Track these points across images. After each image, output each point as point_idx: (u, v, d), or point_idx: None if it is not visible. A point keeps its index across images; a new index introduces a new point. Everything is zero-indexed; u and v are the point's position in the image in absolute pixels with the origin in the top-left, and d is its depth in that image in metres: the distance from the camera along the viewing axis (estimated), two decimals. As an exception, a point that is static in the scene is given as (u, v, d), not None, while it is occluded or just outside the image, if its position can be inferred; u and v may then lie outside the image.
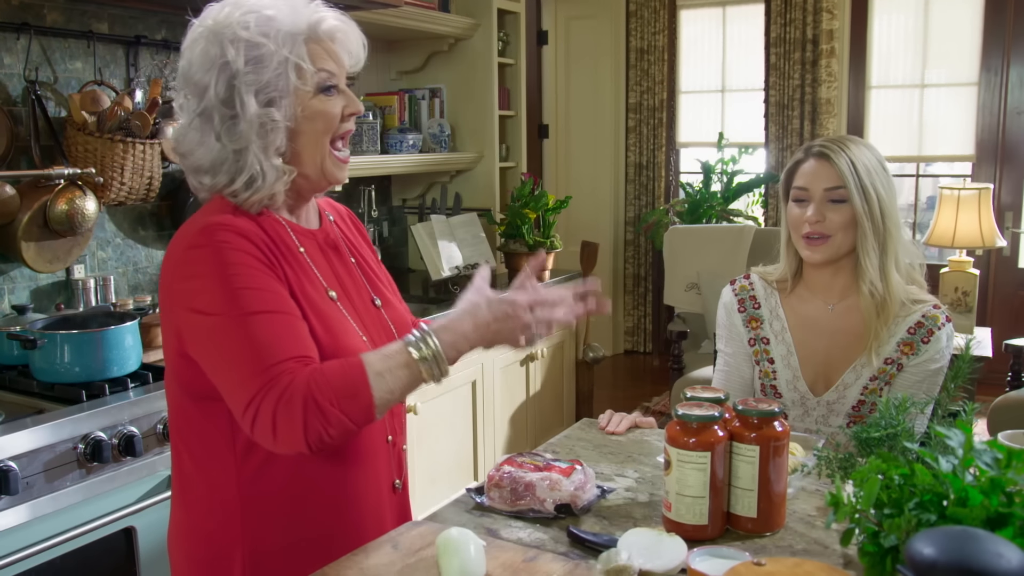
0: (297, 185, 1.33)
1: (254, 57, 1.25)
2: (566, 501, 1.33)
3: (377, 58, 4.00)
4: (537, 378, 3.95)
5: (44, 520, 1.93)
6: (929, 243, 4.23)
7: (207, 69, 1.25)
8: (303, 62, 1.28)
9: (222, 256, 1.22)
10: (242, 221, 1.27)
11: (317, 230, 1.40)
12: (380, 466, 1.39)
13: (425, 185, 4.09)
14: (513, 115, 4.28)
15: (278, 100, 1.27)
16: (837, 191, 1.76)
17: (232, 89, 1.25)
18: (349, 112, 1.34)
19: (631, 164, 6.20)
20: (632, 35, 6.04)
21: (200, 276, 1.22)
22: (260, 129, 1.26)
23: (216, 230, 1.24)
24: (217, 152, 1.27)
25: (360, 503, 1.35)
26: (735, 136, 5.85)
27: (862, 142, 1.81)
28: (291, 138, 1.29)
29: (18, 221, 2.47)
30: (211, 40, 1.26)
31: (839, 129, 5.47)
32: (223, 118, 1.26)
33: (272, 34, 1.26)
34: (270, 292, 1.22)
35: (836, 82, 5.41)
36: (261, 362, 1.17)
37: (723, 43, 5.91)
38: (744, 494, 1.27)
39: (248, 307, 1.19)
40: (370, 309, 1.42)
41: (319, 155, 1.32)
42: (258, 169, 1.26)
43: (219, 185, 1.29)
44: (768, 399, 1.30)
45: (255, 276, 1.22)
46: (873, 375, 1.79)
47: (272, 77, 1.26)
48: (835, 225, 1.76)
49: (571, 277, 4.15)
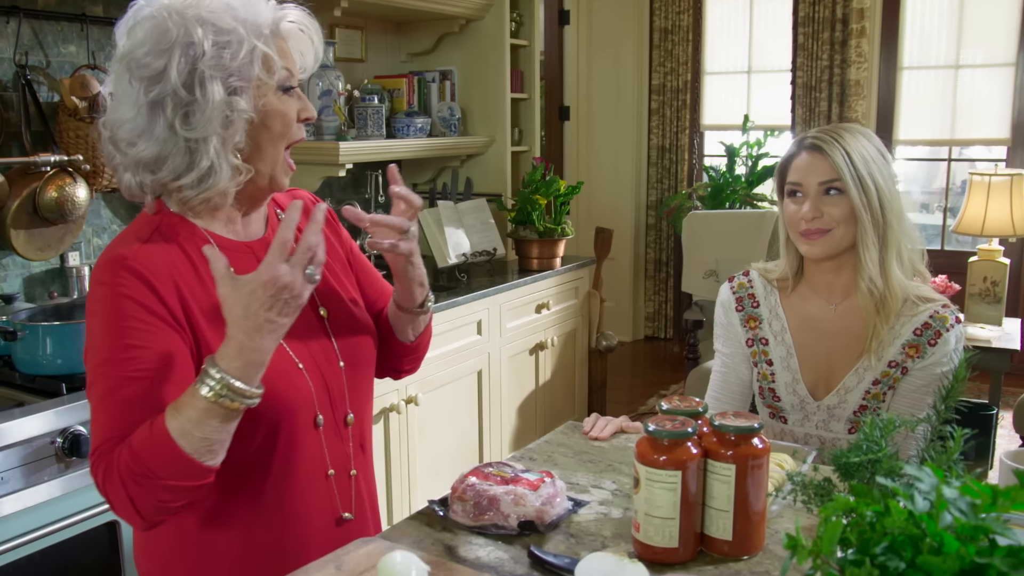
0: (245, 188, 1.24)
1: (224, 42, 1.16)
2: (531, 517, 1.25)
3: (387, 40, 3.91)
4: (547, 367, 3.87)
5: (24, 514, 1.89)
6: (957, 231, 4.07)
7: (164, 50, 1.15)
8: (273, 53, 1.20)
9: (116, 305, 1.15)
10: (154, 251, 1.19)
11: (256, 240, 1.32)
12: (318, 503, 1.30)
13: (436, 170, 4.01)
14: (526, 98, 4.17)
15: (242, 90, 1.17)
16: (833, 183, 1.65)
17: (194, 73, 1.15)
18: (304, 116, 1.26)
19: (654, 147, 6.07)
20: (656, 15, 5.89)
21: (94, 316, 1.17)
22: (224, 120, 1.16)
23: (118, 270, 1.16)
24: (165, 143, 1.17)
25: (298, 542, 1.28)
26: (761, 118, 5.69)
27: (859, 130, 1.70)
28: (250, 135, 1.20)
29: (7, 209, 2.43)
30: (170, 20, 1.15)
31: (868, 111, 5.30)
32: (178, 105, 1.15)
33: (240, 20, 1.17)
34: (151, 352, 1.14)
35: (866, 63, 5.23)
36: (99, 435, 1.13)
37: (750, 22, 5.75)
38: (719, 515, 1.18)
39: (121, 370, 1.13)
40: (312, 323, 1.33)
41: (274, 158, 1.24)
42: (213, 164, 1.17)
43: (161, 181, 1.20)
44: (747, 413, 1.20)
45: (140, 333, 1.14)
46: (876, 379, 1.69)
47: (239, 65, 1.16)
48: (833, 219, 1.66)
49: (584, 264, 4.05)
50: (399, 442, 3.03)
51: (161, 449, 1.08)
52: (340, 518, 1.33)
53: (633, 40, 5.99)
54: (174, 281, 1.18)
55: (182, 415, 1.08)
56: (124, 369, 1.13)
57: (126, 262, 1.17)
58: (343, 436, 1.34)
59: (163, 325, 1.16)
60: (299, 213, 1.10)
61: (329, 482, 1.32)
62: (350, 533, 1.33)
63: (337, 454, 1.33)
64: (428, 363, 3.14)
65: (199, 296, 1.21)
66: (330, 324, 1.35)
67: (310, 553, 1.25)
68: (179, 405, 1.09)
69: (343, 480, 1.34)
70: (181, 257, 1.21)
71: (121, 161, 1.21)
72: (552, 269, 3.78)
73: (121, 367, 1.13)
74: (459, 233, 3.62)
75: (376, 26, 3.83)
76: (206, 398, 1.07)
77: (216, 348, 1.12)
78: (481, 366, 3.44)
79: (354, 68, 3.73)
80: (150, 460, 1.09)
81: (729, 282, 1.87)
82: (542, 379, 3.85)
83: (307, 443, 1.28)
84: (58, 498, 1.96)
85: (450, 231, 3.58)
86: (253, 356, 1.09)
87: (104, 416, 1.14)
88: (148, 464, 1.09)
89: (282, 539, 1.28)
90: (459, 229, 3.63)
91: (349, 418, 1.35)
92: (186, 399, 1.09)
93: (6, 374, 2.17)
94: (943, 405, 1.02)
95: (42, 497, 1.93)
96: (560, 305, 3.89)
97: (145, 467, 1.09)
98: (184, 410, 1.08)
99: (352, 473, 1.36)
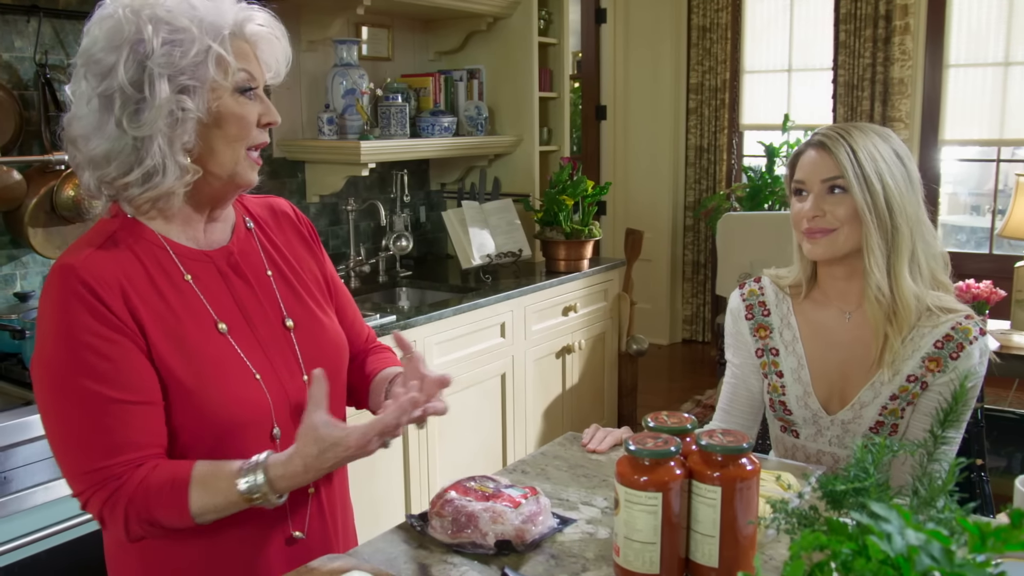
0: (201, 189, 1.22)
1: (174, 40, 1.15)
2: (509, 536, 1.20)
3: (414, 38, 3.88)
4: (575, 371, 3.80)
5: (34, 512, 1.89)
6: (1004, 234, 3.92)
7: (115, 47, 1.14)
8: (226, 54, 1.17)
9: (68, 315, 1.13)
10: (103, 258, 1.17)
11: (217, 249, 1.28)
12: (264, 522, 1.26)
13: (464, 169, 3.97)
14: (556, 97, 4.11)
15: (193, 90, 1.16)
16: (835, 181, 1.57)
17: (143, 71, 1.14)
18: (266, 121, 1.24)
19: (691, 147, 5.96)
20: (694, 12, 5.78)
21: (44, 324, 1.16)
22: (169, 118, 1.15)
23: (70, 277, 1.14)
24: (114, 141, 1.16)
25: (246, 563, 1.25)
26: (801, 118, 5.55)
27: (874, 129, 1.60)
28: (201, 135, 1.18)
29: (25, 207, 2.44)
30: (124, 18, 1.15)
31: (912, 111, 5.13)
32: (127, 102, 1.15)
33: (196, 20, 1.16)
34: (110, 368, 1.13)
35: (910, 60, 5.07)
36: (88, 462, 1.14)
37: (790, 19, 5.61)
38: (704, 540, 1.11)
39: (82, 385, 1.12)
40: (277, 334, 1.29)
41: (231, 158, 1.22)
42: (158, 162, 1.15)
43: (108, 178, 1.18)
44: (736, 432, 1.13)
45: (98, 346, 1.13)
46: (894, 394, 1.60)
47: (190, 64, 1.15)
48: (837, 219, 1.57)
49: (613, 266, 3.98)
50: (417, 446, 2.99)
51: (175, 512, 1.14)
52: (290, 537, 1.29)
53: (671, 38, 5.89)
54: (121, 287, 1.16)
55: (209, 496, 1.13)
56: (90, 384, 1.12)
57: (78, 272, 1.15)
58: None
59: (117, 335, 1.14)
60: (412, 406, 1.16)
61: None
62: (305, 552, 1.29)
63: None
64: (448, 366, 3.11)
65: (150, 300, 1.18)
66: (296, 336, 1.31)
67: (259, 572, 1.23)
68: (209, 483, 1.14)
69: (298, 497, 1.29)
70: (133, 263, 1.20)
71: (78, 160, 1.20)
72: (580, 271, 3.72)
73: (88, 383, 1.12)
74: (484, 234, 3.57)
75: (403, 24, 3.80)
76: (240, 493, 1.13)
77: (164, 352, 1.16)
78: (505, 369, 3.39)
79: (381, 66, 3.71)
80: (160, 514, 1.14)
81: (739, 289, 1.79)
82: (569, 383, 3.78)
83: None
84: (66, 497, 1.95)
85: (474, 232, 3.53)
86: (301, 482, 1.15)
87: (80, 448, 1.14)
88: (156, 515, 1.14)
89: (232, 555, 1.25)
90: (484, 230, 3.58)
91: None
92: (219, 482, 1.13)
93: (16, 372, 2.17)
94: (940, 429, 0.95)
95: (51, 496, 1.93)
96: (588, 308, 3.82)
97: (153, 516, 1.14)
98: (214, 494, 1.13)
99: (310, 491, 1.31)
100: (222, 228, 1.31)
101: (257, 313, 1.28)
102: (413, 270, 3.66)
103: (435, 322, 2.96)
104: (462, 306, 3.06)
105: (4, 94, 2.38)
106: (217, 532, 1.22)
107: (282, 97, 3.29)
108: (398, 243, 3.58)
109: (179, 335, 1.18)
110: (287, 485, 1.14)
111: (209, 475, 1.14)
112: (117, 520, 1.14)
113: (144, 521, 1.14)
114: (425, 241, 4.02)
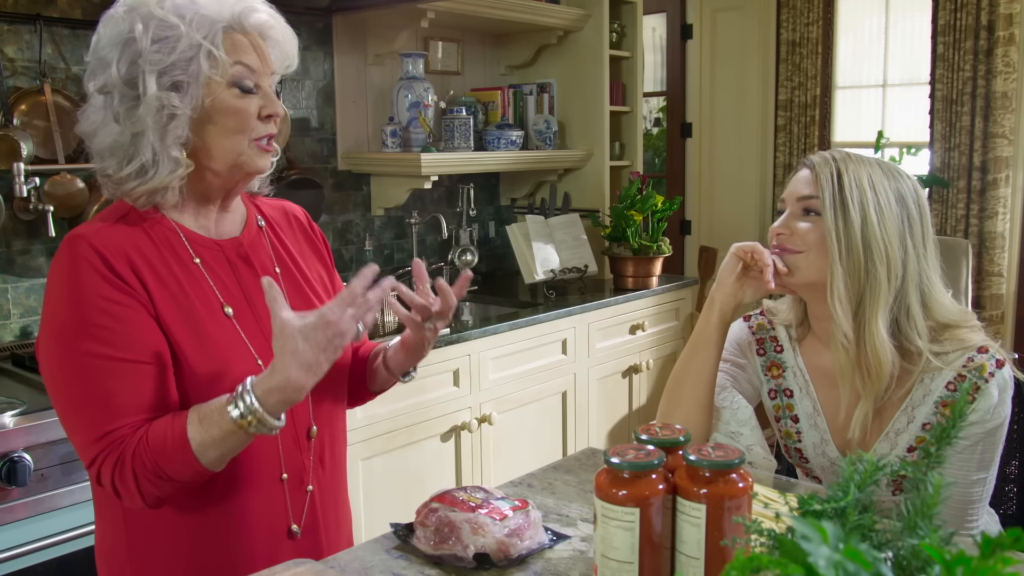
0: (206, 181, 1.25)
1: (163, 37, 1.17)
2: (489, 550, 1.13)
3: (485, 52, 3.87)
4: (643, 391, 3.69)
5: (56, 515, 1.92)
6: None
7: (113, 45, 1.18)
8: (216, 50, 1.18)
9: (78, 279, 1.15)
10: (113, 230, 1.19)
11: (228, 239, 1.30)
12: (269, 508, 1.26)
13: (534, 184, 3.92)
14: (628, 111, 4.03)
15: (184, 85, 1.17)
16: (809, 202, 1.44)
17: (135, 68, 1.17)
18: (266, 113, 1.24)
19: (780, 165, 5.76)
20: (783, 27, 5.61)
21: (53, 292, 1.16)
22: (157, 114, 1.17)
23: (80, 244, 1.16)
24: (115, 135, 1.19)
25: (248, 548, 1.24)
26: (897, 135, 5.30)
27: (883, 164, 1.44)
28: (197, 130, 1.20)
29: (86, 214, 2.51)
30: (121, 16, 1.18)
31: (1017, 126, 4.83)
32: (123, 98, 1.18)
33: (188, 16, 1.18)
34: (117, 328, 1.14)
35: (1015, 73, 4.78)
36: (96, 428, 1.13)
37: (885, 32, 5.38)
38: (689, 562, 1.03)
39: (90, 349, 1.12)
40: None
41: (232, 150, 1.22)
42: (150, 157, 1.18)
43: (109, 171, 1.20)
44: (730, 446, 1.04)
45: (106, 308, 1.14)
46: (911, 445, 1.44)
47: (179, 60, 1.17)
48: (804, 242, 1.44)
49: (685, 284, 3.86)
50: (471, 462, 2.94)
51: (178, 456, 1.12)
52: (290, 530, 1.29)
53: (758, 53, 5.73)
54: (129, 257, 1.18)
55: (205, 430, 1.12)
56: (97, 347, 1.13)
57: (87, 239, 1.17)
58: (303, 447, 1.30)
59: (128, 299, 1.16)
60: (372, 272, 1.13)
61: (282, 487, 1.28)
62: (299, 550, 1.28)
63: (294, 463, 1.29)
64: (504, 381, 3.06)
65: (159, 272, 1.20)
66: None
67: (257, 563, 1.21)
68: (204, 418, 1.12)
69: (297, 490, 1.29)
70: (144, 239, 1.21)
71: (91, 154, 1.24)
72: (648, 288, 3.62)
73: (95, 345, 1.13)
74: (548, 249, 3.52)
75: (474, 39, 3.80)
76: (234, 420, 1.11)
77: (171, 322, 1.17)
78: (566, 387, 3.31)
79: (451, 80, 3.71)
80: (165, 463, 1.12)
81: (745, 321, 1.65)
82: (636, 403, 3.68)
83: (259, 446, 1.24)
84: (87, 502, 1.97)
85: (538, 246, 3.48)
86: (293, 395, 1.12)
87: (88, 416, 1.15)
88: (162, 466, 1.13)
89: (231, 544, 1.24)
90: (548, 244, 3.53)
91: (312, 431, 1.30)
92: (213, 415, 1.12)
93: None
94: (936, 448, 0.84)
95: (88, 495, 1.94)
96: (657, 327, 3.72)
97: (160, 468, 1.13)
98: (209, 426, 1.12)
99: (308, 489, 1.31)
100: (232, 220, 1.33)
101: (262, 303, 1.28)
102: (480, 285, 3.63)
103: (489, 336, 2.91)
104: (518, 321, 3.01)
105: (70, 104, 2.47)
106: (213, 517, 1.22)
107: (348, 110, 3.32)
108: (463, 257, 3.56)
109: (187, 310, 1.20)
110: (278, 399, 1.11)
111: (203, 412, 1.14)
112: (128, 484, 1.13)
113: (154, 476, 1.12)
114: (494, 256, 3.99)
